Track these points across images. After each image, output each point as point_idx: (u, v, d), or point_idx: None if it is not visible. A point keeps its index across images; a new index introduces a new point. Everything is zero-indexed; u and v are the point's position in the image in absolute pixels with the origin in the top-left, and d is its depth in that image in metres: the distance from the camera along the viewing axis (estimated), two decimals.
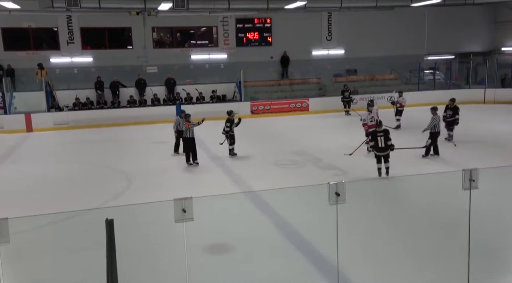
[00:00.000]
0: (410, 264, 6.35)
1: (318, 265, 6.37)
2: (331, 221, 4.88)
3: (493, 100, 21.73)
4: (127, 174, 11.67)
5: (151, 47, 22.96)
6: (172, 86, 21.81)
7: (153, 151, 14.58)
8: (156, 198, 8.88)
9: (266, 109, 21.67)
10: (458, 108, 13.88)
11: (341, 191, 4.66)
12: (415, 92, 23.58)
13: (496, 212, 8.06)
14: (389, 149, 10.34)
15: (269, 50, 24.20)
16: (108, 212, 6.13)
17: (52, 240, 7.65)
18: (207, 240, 7.21)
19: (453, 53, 26.64)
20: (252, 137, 16.31)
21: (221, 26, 23.72)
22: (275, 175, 11.23)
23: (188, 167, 12.24)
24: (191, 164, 12.35)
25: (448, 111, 13.89)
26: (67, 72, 21.84)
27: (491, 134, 14.91)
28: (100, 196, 9.76)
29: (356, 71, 25.01)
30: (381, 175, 10.47)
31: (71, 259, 6.90)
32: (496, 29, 27.18)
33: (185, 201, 4.50)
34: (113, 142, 16.16)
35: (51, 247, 7.40)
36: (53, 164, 13.30)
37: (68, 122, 19.26)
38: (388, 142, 10.36)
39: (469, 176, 4.98)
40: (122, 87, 21.36)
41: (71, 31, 21.87)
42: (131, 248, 6.85)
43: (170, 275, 6.19)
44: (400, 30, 25.04)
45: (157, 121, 19.66)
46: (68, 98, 20.35)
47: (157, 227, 7.79)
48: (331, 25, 25.03)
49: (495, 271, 5.99)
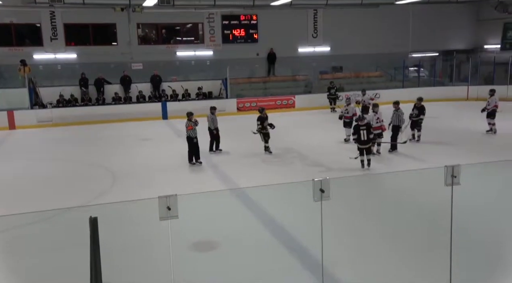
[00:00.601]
0: (393, 259, 6.43)
1: (303, 261, 6.41)
2: (316, 217, 4.92)
3: (476, 97, 22.03)
4: (112, 171, 11.59)
5: (136, 44, 22.78)
6: (157, 83, 21.67)
7: (139, 148, 14.49)
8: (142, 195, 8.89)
9: (252, 106, 21.67)
10: (424, 108, 13.71)
11: (325, 187, 4.69)
12: (400, 89, 23.84)
13: (477, 207, 8.20)
14: (370, 141, 10.96)
15: (255, 47, 24.19)
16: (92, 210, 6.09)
17: (35, 239, 7.57)
18: (193, 238, 7.20)
19: (437, 51, 26.95)
20: (238, 134, 16.31)
21: (207, 22, 23.63)
22: (261, 171, 11.25)
23: (173, 165, 12.17)
24: (194, 163, 12.07)
25: (414, 110, 13.79)
26: (50, 68, 21.53)
27: (474, 131, 15.14)
28: (85, 194, 9.68)
29: (341, 68, 25.16)
30: (363, 167, 10.94)
31: (54, 257, 6.83)
32: (478, 27, 27.55)
33: (169, 199, 4.49)
34: (98, 140, 16.02)
35: (34, 245, 7.32)
36: (37, 161, 13.13)
37: (52, 119, 19.03)
38: (370, 135, 10.93)
39: (451, 172, 5.06)
40: (107, 84, 21.16)
41: (54, 27, 21.58)
42: (116, 246, 6.81)
43: (155, 273, 6.17)
44: (385, 27, 25.24)
45: (143, 119, 19.57)
46: (52, 95, 20.08)
47: (142, 225, 7.76)
48: (317, 22, 25.10)
49: (476, 264, 6.10)
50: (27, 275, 6.44)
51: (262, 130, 12.98)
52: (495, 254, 6.48)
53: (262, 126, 12.95)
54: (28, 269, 6.59)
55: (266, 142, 13.02)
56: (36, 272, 6.43)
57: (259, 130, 13.03)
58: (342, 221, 7.70)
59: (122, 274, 6.17)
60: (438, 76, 26.23)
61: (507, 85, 22.82)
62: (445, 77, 26.73)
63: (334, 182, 8.09)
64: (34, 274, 6.37)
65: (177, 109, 20.53)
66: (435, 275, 5.76)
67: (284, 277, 6.04)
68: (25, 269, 6.58)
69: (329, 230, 5.41)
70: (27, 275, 6.45)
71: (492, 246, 6.70)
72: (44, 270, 6.53)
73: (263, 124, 12.95)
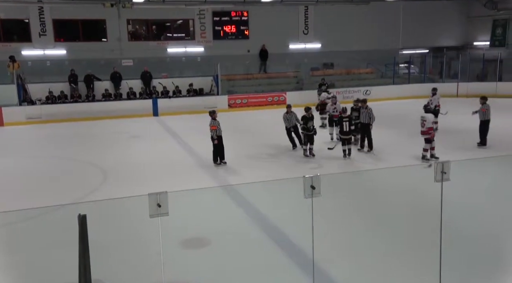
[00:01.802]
0: (384, 255, 6.46)
1: (294, 257, 6.42)
2: (307, 213, 4.92)
3: (466, 94, 22.20)
4: (102, 169, 11.51)
5: (126, 40, 22.61)
6: (148, 79, 21.54)
7: (129, 145, 14.40)
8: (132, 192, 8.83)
9: (243, 103, 21.65)
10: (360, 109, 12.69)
11: (316, 184, 4.68)
12: (390, 86, 23.96)
13: (467, 203, 8.27)
14: (351, 133, 11.89)
15: (246, 43, 24.14)
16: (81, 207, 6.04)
17: (24, 237, 7.50)
18: (183, 235, 7.18)
19: (427, 48, 27.10)
20: (229, 131, 16.26)
21: (198, 19, 23.52)
22: (252, 168, 11.24)
23: (164, 162, 12.11)
24: (219, 164, 11.53)
25: (353, 112, 12.78)
26: (39, 65, 21.30)
27: (463, 127, 15.23)
28: (75, 191, 9.61)
29: (332, 65, 25.21)
30: (345, 157, 11.66)
31: (43, 255, 6.77)
32: (468, 24, 27.74)
33: (160, 196, 4.46)
34: (87, 137, 15.89)
35: (23, 243, 7.25)
36: (26, 159, 13.00)
37: (41, 116, 18.85)
38: (352, 127, 11.85)
39: (441, 168, 5.08)
40: (96, 81, 20.99)
41: (43, 23, 21.34)
42: (106, 243, 6.77)
43: (145, 271, 6.14)
44: (375, 24, 25.31)
45: (133, 115, 19.45)
46: (41, 92, 19.87)
47: (132, 222, 7.72)
48: (307, 18, 25.10)
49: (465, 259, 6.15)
50: (16, 273, 6.37)
51: (303, 131, 12.13)
52: (485, 249, 6.53)
53: (306, 127, 12.02)
54: (17, 267, 6.52)
55: (304, 143, 12.13)
56: (25, 270, 6.37)
57: (302, 130, 12.27)
58: (333, 217, 7.72)
59: (112, 272, 6.14)
60: (428, 73, 26.38)
61: (496, 82, 23.03)
62: (435, 74, 26.90)
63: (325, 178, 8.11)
64: (23, 272, 6.31)
65: (168, 106, 20.48)
66: (425, 270, 5.79)
67: (275, 274, 6.04)
68: (13, 267, 6.51)
69: (320, 227, 5.41)
70: (15, 273, 6.38)
71: (482, 242, 6.76)
72: (33, 268, 6.47)
73: (307, 125, 12.02)
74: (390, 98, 22.58)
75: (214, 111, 11.80)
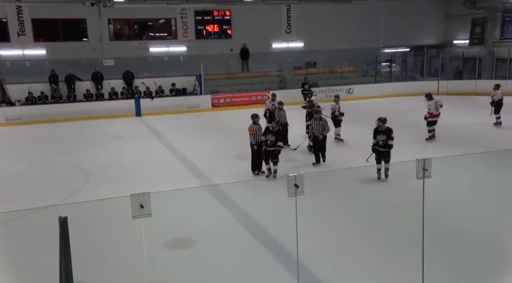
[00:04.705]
0: (367, 252, 6.51)
1: (279, 256, 6.42)
2: (291, 212, 4.93)
3: (446, 92, 22.52)
4: (84, 170, 11.36)
5: (107, 40, 22.34)
6: (130, 79, 21.34)
7: (112, 146, 14.25)
8: (115, 194, 8.74)
9: (227, 102, 21.61)
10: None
11: (300, 182, 4.69)
12: (372, 84, 24.18)
13: (448, 199, 8.39)
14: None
15: (229, 42, 24.08)
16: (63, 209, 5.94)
17: (4, 240, 7.36)
18: (167, 235, 7.13)
19: (408, 46, 27.43)
20: (213, 131, 16.23)
21: (180, 18, 23.39)
22: (236, 167, 11.22)
23: (146, 163, 12.00)
24: (258, 174, 10.33)
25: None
26: (18, 65, 20.91)
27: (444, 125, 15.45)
28: (56, 194, 9.45)
29: (315, 64, 25.32)
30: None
31: (24, 258, 6.65)
32: (448, 23, 28.15)
33: (142, 196, 4.41)
34: (69, 138, 15.67)
35: (3, 246, 7.11)
36: (6, 160, 12.75)
37: (21, 117, 18.54)
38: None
39: (423, 165, 5.15)
40: (77, 81, 20.72)
41: (21, 22, 20.95)
42: (88, 246, 6.69)
43: (128, 272, 6.08)
44: (357, 23, 25.52)
45: (115, 116, 19.25)
46: (20, 93, 19.53)
47: (115, 223, 7.65)
48: (290, 17, 25.17)
49: (447, 255, 6.24)
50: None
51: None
52: (467, 244, 6.64)
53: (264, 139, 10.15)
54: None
55: (265, 161, 10.29)
56: (5, 274, 6.24)
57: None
58: (316, 215, 7.75)
59: (96, 274, 6.07)
60: (409, 71, 26.72)
61: (476, 80, 23.42)
62: (416, 72, 27.25)
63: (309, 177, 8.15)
64: (2, 276, 6.18)
65: (150, 106, 20.32)
66: (408, 265, 5.85)
67: (260, 273, 6.04)
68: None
69: (304, 225, 5.43)
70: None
71: (464, 237, 6.86)
72: (13, 272, 6.35)
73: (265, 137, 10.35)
74: (373, 96, 22.81)
75: (257, 115, 10.47)
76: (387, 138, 9.48)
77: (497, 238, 6.84)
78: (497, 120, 14.95)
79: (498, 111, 14.91)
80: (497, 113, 14.93)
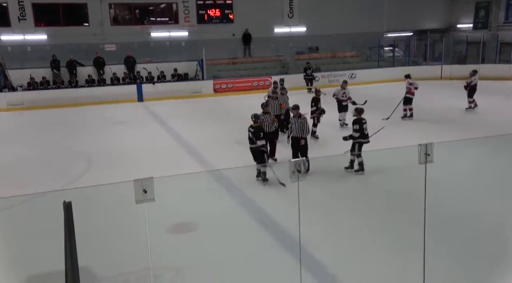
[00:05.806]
0: (369, 237, 6.55)
1: (281, 240, 6.47)
2: (293, 197, 4.94)
3: (449, 76, 22.40)
4: (87, 155, 11.40)
5: (108, 24, 22.22)
6: (131, 64, 21.27)
7: (114, 131, 14.27)
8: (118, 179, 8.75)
9: (229, 87, 21.55)
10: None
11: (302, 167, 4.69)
12: (375, 69, 24.05)
13: (450, 184, 8.41)
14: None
15: (230, 27, 23.92)
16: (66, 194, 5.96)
17: (8, 225, 7.42)
18: (170, 220, 7.18)
19: (411, 31, 27.19)
20: (215, 116, 16.22)
21: (181, 2, 23.20)
22: (238, 153, 11.22)
23: (149, 147, 12.02)
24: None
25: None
26: (19, 50, 20.85)
27: (446, 109, 15.41)
28: (59, 179, 9.51)
29: (317, 48, 25.16)
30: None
31: (28, 243, 6.72)
32: (452, 7, 27.86)
33: (145, 181, 4.42)
34: (71, 123, 15.70)
35: (7, 231, 7.17)
36: (8, 146, 12.79)
37: (23, 102, 18.55)
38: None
39: (425, 150, 5.13)
40: (79, 66, 20.66)
41: (22, 7, 20.83)
42: (92, 231, 6.73)
43: (132, 257, 6.14)
44: (360, 7, 25.27)
45: (117, 101, 19.24)
46: (22, 78, 19.51)
47: (119, 208, 7.68)
48: (292, 2, 24.92)
49: (447, 239, 6.27)
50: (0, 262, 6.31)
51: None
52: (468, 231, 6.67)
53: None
54: (1, 255, 6.46)
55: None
56: (10, 259, 6.31)
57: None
58: (319, 200, 7.79)
59: (100, 259, 6.13)
60: (412, 56, 26.53)
61: (479, 64, 23.24)
62: (419, 56, 27.05)
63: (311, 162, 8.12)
64: (7, 260, 6.26)
65: (152, 91, 20.29)
66: (409, 250, 5.89)
67: (263, 257, 6.09)
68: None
69: (307, 210, 5.45)
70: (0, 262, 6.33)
71: (465, 223, 6.89)
72: (18, 257, 6.42)
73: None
74: (375, 81, 22.71)
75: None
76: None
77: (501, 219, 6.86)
78: (470, 105, 15.22)
79: (472, 96, 15.23)
80: (471, 97, 15.23)
